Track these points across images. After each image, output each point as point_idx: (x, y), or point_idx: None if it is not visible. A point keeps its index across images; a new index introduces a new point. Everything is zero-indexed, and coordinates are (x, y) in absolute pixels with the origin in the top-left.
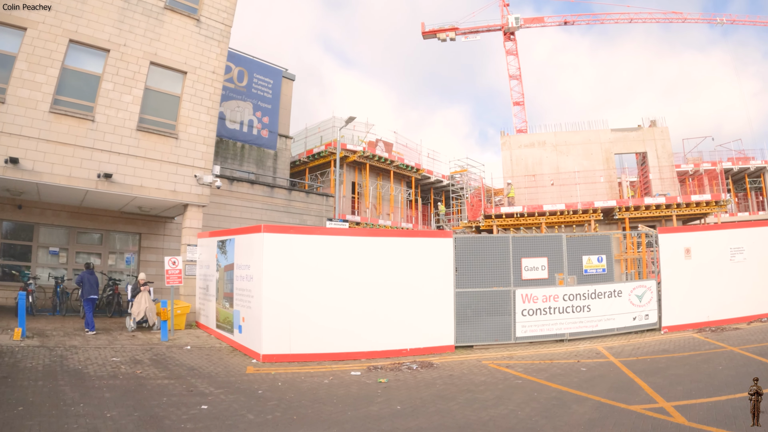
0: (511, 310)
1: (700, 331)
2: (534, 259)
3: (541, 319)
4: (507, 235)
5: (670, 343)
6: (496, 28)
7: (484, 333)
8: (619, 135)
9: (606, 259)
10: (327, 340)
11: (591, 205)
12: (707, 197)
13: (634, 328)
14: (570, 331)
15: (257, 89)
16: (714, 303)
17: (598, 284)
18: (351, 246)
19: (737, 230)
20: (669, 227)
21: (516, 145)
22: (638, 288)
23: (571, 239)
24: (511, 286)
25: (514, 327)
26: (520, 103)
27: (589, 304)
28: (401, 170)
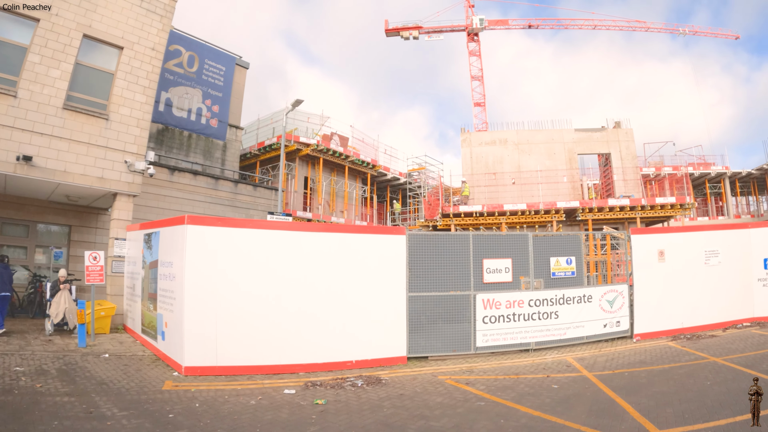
0: (471, 317)
1: (675, 338)
2: (497, 260)
3: (505, 327)
4: (467, 233)
5: (645, 353)
6: (460, 29)
7: (440, 342)
8: (582, 135)
9: (575, 261)
10: (260, 351)
11: (553, 205)
12: (672, 200)
13: (604, 336)
14: (536, 340)
15: (208, 76)
16: (688, 309)
17: (567, 288)
18: (290, 242)
19: (713, 232)
20: (642, 228)
21: (476, 143)
22: (609, 293)
23: (538, 239)
24: (471, 291)
25: (474, 336)
26: (481, 104)
27: (557, 311)
28: (357, 166)
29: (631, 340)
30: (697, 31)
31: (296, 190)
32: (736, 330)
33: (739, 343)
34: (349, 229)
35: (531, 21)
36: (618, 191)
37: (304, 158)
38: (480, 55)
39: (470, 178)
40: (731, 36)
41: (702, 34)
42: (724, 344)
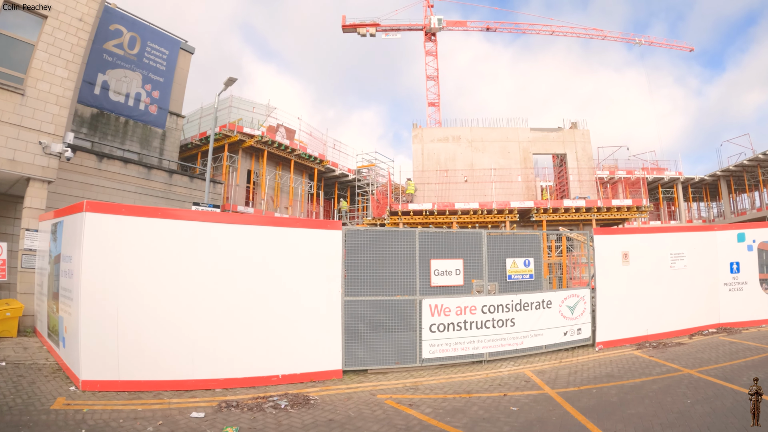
0: (417, 325)
1: (640, 346)
2: (446, 261)
3: (455, 337)
4: (413, 229)
5: (611, 365)
6: (417, 28)
7: (381, 354)
8: (538, 135)
9: (534, 263)
10: (169, 364)
11: (507, 205)
12: (628, 202)
13: (565, 344)
14: (490, 350)
15: (150, 59)
16: (653, 315)
17: (525, 293)
18: (206, 235)
19: (678, 234)
20: (606, 228)
21: (428, 139)
22: (570, 298)
23: (493, 238)
24: (417, 295)
25: (420, 346)
26: (435, 104)
27: (513, 317)
28: (303, 160)
29: (594, 348)
30: (652, 41)
31: (238, 184)
32: (702, 337)
33: (709, 352)
34: (276, 222)
35: (489, 24)
36: (573, 192)
37: (248, 150)
38: (436, 55)
39: (421, 175)
40: (686, 48)
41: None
42: (693, 353)
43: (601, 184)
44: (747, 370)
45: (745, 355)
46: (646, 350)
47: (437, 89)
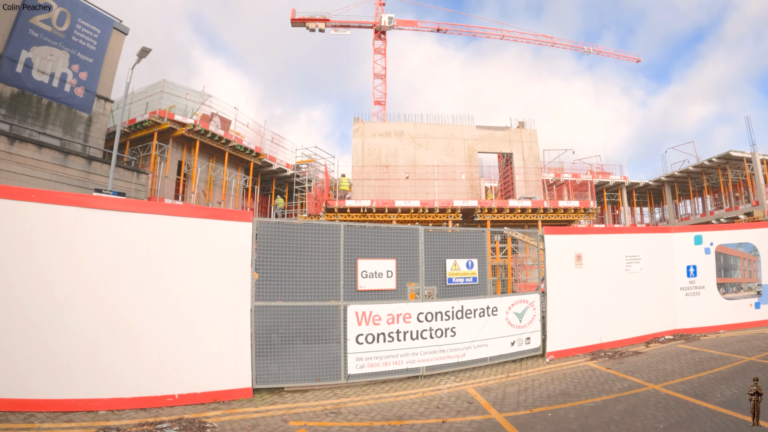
0: (341, 336)
1: (594, 356)
2: (377, 261)
3: (386, 349)
4: (337, 223)
5: (565, 380)
6: (368, 25)
7: (299, 369)
8: (485, 133)
9: (478, 264)
10: (41, 381)
11: (450, 203)
12: (575, 204)
13: (512, 355)
14: (427, 363)
15: (80, 38)
16: (608, 321)
17: (467, 298)
18: (87, 224)
19: (634, 235)
20: (558, 227)
21: (370, 134)
22: (518, 304)
23: (432, 235)
24: (341, 300)
25: (345, 360)
26: (381, 102)
27: (454, 326)
28: (239, 153)
29: (544, 359)
30: (601, 51)
31: (167, 176)
32: (660, 344)
33: (671, 363)
34: (170, 210)
35: (440, 25)
36: (519, 193)
37: (179, 140)
38: (385, 53)
39: (361, 170)
40: (633, 59)
41: (606, 54)
42: (654, 364)
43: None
44: (717, 384)
45: (711, 366)
46: (602, 361)
47: (384, 88)
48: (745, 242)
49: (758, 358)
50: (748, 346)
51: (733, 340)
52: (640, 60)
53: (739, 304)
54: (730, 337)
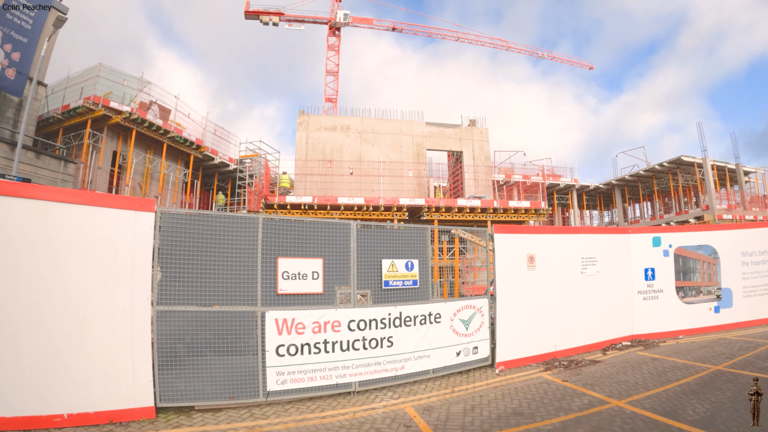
0: (259, 346)
1: (548, 366)
2: (301, 260)
3: (312, 361)
4: (254, 215)
5: (517, 395)
6: (322, 21)
7: (210, 385)
8: (434, 130)
9: (419, 265)
10: None
11: (396, 201)
12: (526, 204)
13: (458, 367)
14: (360, 378)
15: (15, 15)
16: (563, 327)
17: (407, 304)
18: None
19: (590, 236)
20: (509, 225)
21: (315, 127)
22: (464, 310)
23: (365, 231)
24: (258, 305)
25: (264, 375)
26: (332, 100)
27: (391, 335)
28: (178, 145)
29: (494, 371)
30: (555, 56)
31: (100, 167)
32: (617, 351)
33: (633, 373)
34: (55, 195)
35: (396, 24)
36: (468, 192)
37: (115, 129)
38: (339, 50)
39: (304, 165)
40: (586, 66)
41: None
42: (614, 375)
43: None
44: (687, 398)
45: (676, 377)
46: (558, 372)
47: (336, 85)
48: (704, 244)
49: (725, 367)
50: (711, 353)
51: (694, 346)
52: (592, 67)
53: (698, 308)
54: (691, 343)
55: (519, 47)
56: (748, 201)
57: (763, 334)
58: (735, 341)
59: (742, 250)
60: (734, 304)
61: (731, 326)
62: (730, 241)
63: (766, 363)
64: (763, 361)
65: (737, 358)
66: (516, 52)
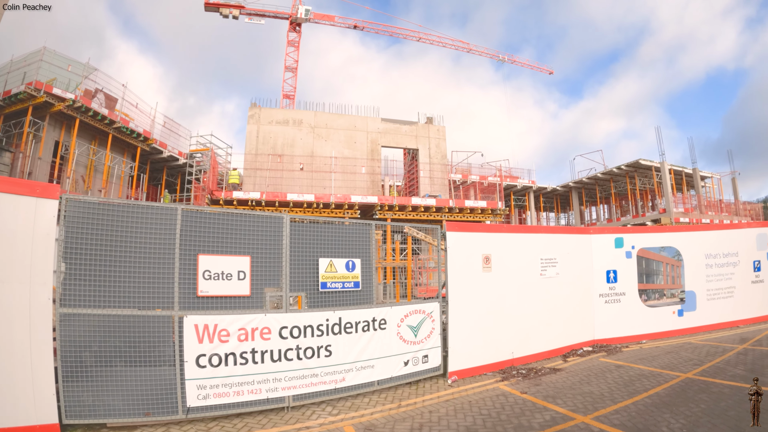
0: (177, 356)
1: (506, 375)
2: (225, 258)
3: (238, 373)
4: (173, 205)
5: (471, 410)
6: (283, 16)
7: (122, 400)
8: (390, 126)
9: (361, 266)
10: None
11: (347, 199)
12: (482, 204)
13: (406, 377)
14: (295, 392)
15: None
16: (521, 333)
17: (347, 308)
18: None
19: (550, 236)
20: (463, 223)
21: (266, 120)
22: (413, 315)
23: (300, 226)
24: (176, 309)
25: (183, 388)
26: (290, 96)
27: (329, 344)
28: (125, 136)
29: (446, 381)
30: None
31: (41, 157)
32: (579, 358)
33: (597, 383)
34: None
35: (357, 22)
36: (423, 190)
37: (58, 117)
38: (298, 46)
39: (254, 159)
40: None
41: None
42: (577, 385)
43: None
44: (659, 412)
45: (645, 387)
46: (516, 382)
47: (294, 81)
48: (668, 246)
49: (695, 375)
50: (677, 358)
51: (659, 351)
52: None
53: (661, 311)
54: (655, 348)
55: (480, 50)
56: (704, 205)
57: (728, 338)
58: (701, 346)
59: (706, 252)
60: (698, 307)
61: (695, 330)
62: (694, 243)
63: (737, 370)
64: (733, 368)
65: (706, 364)
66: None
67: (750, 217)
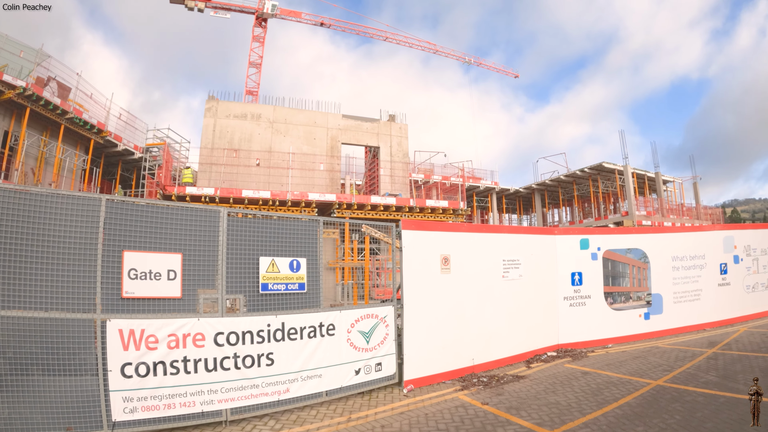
0: (100, 364)
1: (466, 384)
2: (153, 255)
3: (169, 384)
4: (95, 195)
5: (427, 424)
6: (249, 11)
7: (40, 413)
8: (351, 123)
9: (307, 266)
10: None
11: (305, 196)
12: (444, 204)
13: (358, 387)
14: (233, 404)
15: None
16: (481, 338)
17: (291, 313)
18: None
19: (513, 236)
20: (421, 221)
21: (224, 114)
22: (365, 319)
23: (239, 221)
24: (98, 312)
25: (108, 401)
26: (254, 92)
27: (271, 351)
28: (77, 127)
29: (401, 390)
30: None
31: None
32: (543, 364)
33: (564, 392)
34: None
35: (324, 19)
36: (384, 189)
37: (7, 105)
38: (263, 42)
39: (209, 154)
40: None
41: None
42: (542, 394)
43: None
44: (632, 425)
45: (614, 396)
46: (476, 391)
47: (258, 77)
48: (635, 248)
49: (665, 382)
50: (646, 364)
51: (626, 356)
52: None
53: (627, 315)
54: (622, 353)
55: (446, 51)
56: (666, 208)
57: (696, 342)
58: (669, 350)
59: (673, 255)
60: (665, 310)
61: (662, 333)
62: (662, 245)
63: (709, 376)
64: (705, 374)
65: (676, 370)
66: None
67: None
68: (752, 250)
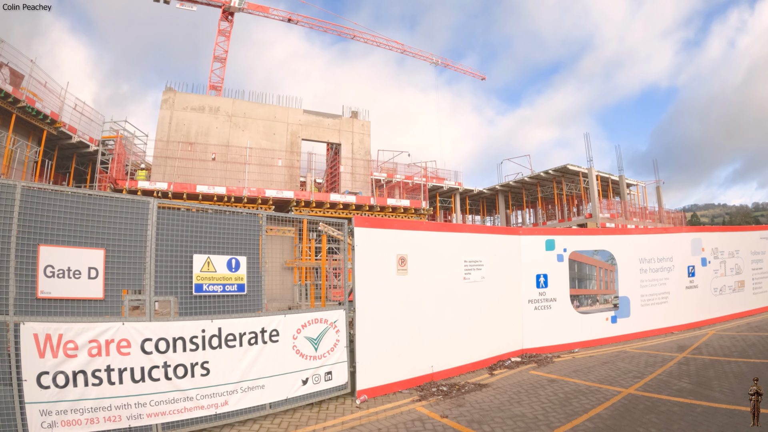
0: (14, 373)
1: (424, 394)
2: (72, 250)
3: (91, 396)
4: (10, 182)
5: None
6: (216, 4)
7: None
8: (312, 118)
9: (247, 264)
10: None
11: (262, 193)
12: (406, 203)
13: (305, 398)
14: (164, 419)
15: None
16: (441, 343)
17: (229, 317)
18: None
19: (475, 235)
20: (376, 218)
21: (181, 106)
22: (313, 324)
23: (170, 214)
24: (10, 314)
25: (23, 414)
26: (217, 87)
27: (207, 360)
28: (30, 117)
29: (354, 401)
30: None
31: None
32: (507, 370)
33: (530, 402)
34: None
35: (292, 15)
36: (344, 187)
37: None
38: (229, 36)
39: (165, 147)
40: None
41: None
42: (506, 405)
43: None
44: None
45: (584, 407)
46: (435, 402)
47: (223, 72)
48: (602, 249)
49: (637, 390)
50: (615, 370)
51: (594, 362)
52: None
53: (594, 318)
54: (590, 358)
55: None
56: (629, 211)
57: (665, 346)
58: (638, 355)
59: (640, 257)
60: (632, 313)
61: (629, 337)
62: (629, 247)
63: (682, 383)
64: (678, 381)
65: (647, 377)
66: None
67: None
68: (720, 253)
